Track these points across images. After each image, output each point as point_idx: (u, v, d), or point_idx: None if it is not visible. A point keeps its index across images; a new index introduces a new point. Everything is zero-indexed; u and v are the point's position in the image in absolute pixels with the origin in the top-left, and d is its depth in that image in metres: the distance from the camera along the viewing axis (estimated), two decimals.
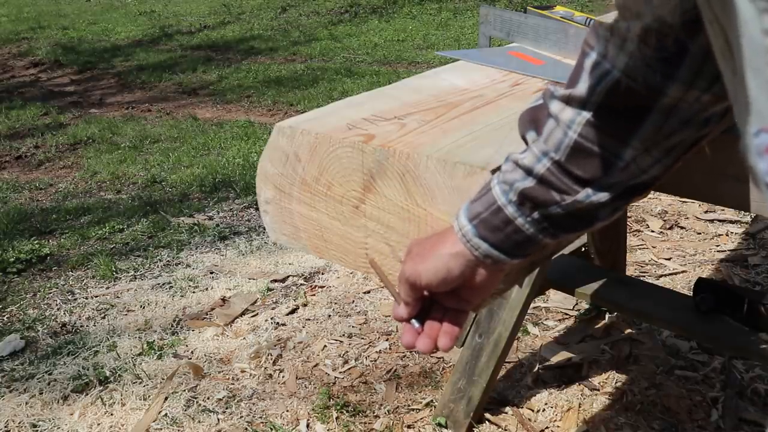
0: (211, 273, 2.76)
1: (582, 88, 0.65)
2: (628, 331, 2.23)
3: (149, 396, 2.04)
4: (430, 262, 0.74)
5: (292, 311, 2.47)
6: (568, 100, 0.67)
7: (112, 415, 1.97)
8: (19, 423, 1.95)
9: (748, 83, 0.41)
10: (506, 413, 1.90)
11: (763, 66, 0.40)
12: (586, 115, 0.65)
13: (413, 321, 0.79)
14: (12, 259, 2.88)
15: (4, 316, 2.53)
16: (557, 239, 0.73)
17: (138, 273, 2.79)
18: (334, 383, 2.06)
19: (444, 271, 0.73)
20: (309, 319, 2.41)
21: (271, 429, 1.89)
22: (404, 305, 0.78)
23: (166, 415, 1.95)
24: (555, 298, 2.42)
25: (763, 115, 0.40)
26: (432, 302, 0.79)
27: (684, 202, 3.13)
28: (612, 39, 0.62)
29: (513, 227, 0.71)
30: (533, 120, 0.71)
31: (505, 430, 1.84)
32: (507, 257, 0.72)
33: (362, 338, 2.29)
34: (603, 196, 0.68)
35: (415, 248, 0.77)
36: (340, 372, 2.12)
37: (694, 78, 0.60)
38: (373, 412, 1.93)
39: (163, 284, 2.68)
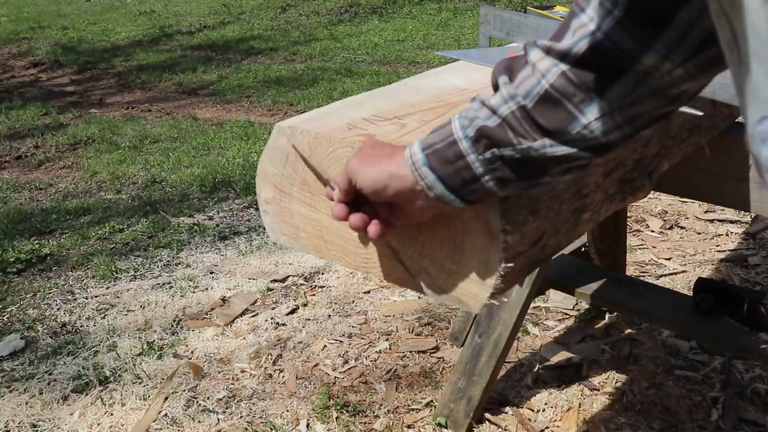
0: (211, 273, 2.76)
1: (565, 43, 0.67)
2: (628, 331, 2.23)
3: (149, 396, 2.04)
4: (373, 170, 0.77)
5: (292, 311, 2.47)
6: (548, 51, 0.68)
7: (112, 415, 1.97)
8: (19, 423, 1.95)
9: (753, 71, 0.42)
10: (506, 413, 1.90)
11: (767, 54, 0.40)
12: (563, 67, 0.67)
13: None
14: (12, 259, 2.88)
15: (4, 316, 2.53)
16: (504, 189, 0.74)
17: (138, 273, 2.79)
18: (334, 383, 2.06)
19: (381, 185, 0.77)
20: (309, 319, 2.41)
21: (271, 429, 1.89)
22: (338, 191, 0.82)
23: (166, 415, 1.95)
24: (555, 298, 2.42)
25: (767, 102, 0.41)
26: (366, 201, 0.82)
27: (684, 202, 3.13)
28: (602, 3, 0.64)
29: (464, 162, 0.73)
30: (508, 68, 0.73)
31: (505, 430, 1.84)
32: (451, 194, 0.74)
33: (362, 338, 2.29)
34: (558, 150, 0.70)
35: (369, 149, 0.80)
36: (340, 372, 2.12)
37: (671, 50, 0.62)
38: (373, 412, 1.93)
39: (163, 284, 2.68)
